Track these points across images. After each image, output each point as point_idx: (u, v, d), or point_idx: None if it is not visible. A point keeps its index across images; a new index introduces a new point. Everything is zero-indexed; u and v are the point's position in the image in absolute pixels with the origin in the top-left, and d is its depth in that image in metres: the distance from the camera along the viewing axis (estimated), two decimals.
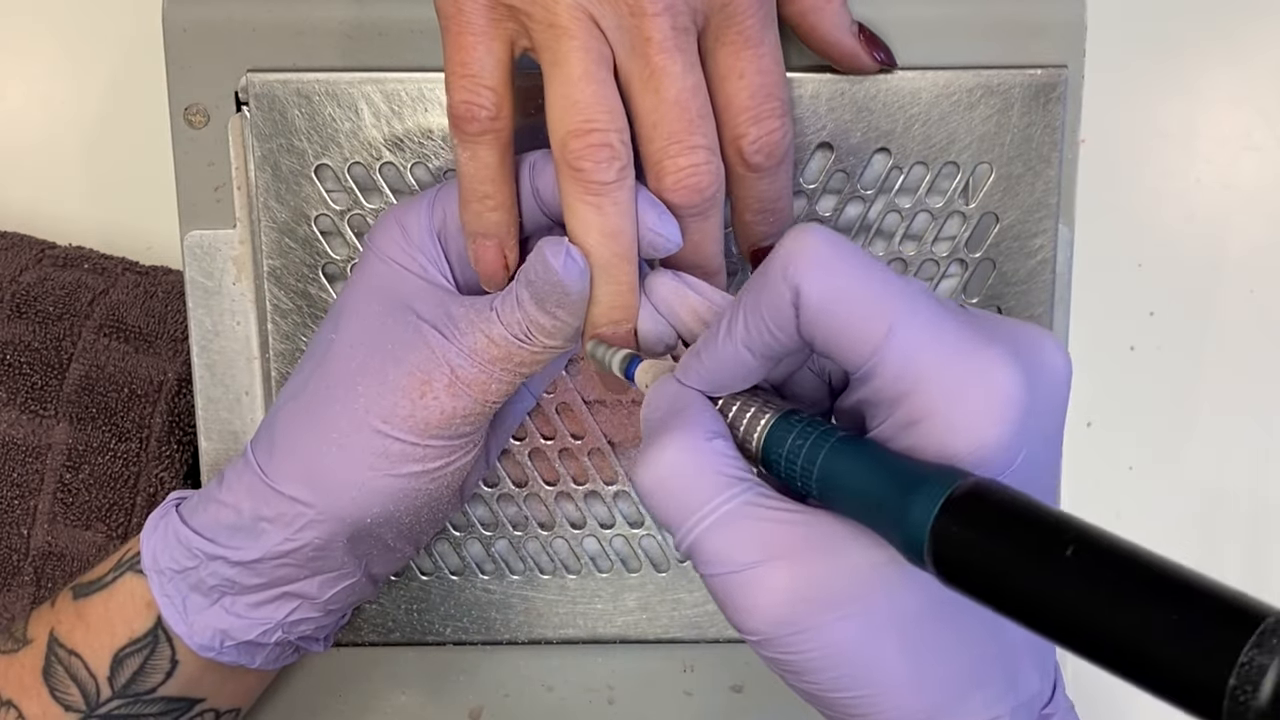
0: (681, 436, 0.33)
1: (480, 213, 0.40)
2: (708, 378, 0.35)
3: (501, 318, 0.39)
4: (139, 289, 0.54)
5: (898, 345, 0.31)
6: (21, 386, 0.52)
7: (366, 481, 0.40)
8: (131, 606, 0.43)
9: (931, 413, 0.30)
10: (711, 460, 0.33)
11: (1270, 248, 0.59)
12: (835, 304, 0.31)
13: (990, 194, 0.46)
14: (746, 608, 0.32)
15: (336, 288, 0.47)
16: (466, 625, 0.49)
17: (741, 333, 0.34)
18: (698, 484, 0.33)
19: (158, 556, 0.43)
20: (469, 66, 0.38)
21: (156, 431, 0.52)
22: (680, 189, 0.38)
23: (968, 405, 0.30)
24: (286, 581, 0.42)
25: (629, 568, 0.49)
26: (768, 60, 0.39)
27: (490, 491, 0.48)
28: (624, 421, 0.48)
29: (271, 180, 0.46)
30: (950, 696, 0.32)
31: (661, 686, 0.50)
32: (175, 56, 0.45)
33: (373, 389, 0.40)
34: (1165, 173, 0.59)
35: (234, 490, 0.42)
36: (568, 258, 0.38)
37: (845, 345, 0.32)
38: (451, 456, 0.41)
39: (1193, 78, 0.58)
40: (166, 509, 0.44)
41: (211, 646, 0.42)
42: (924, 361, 0.31)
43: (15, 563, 0.52)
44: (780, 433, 0.34)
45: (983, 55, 0.45)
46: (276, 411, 0.42)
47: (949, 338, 0.31)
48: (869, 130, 0.45)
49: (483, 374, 0.40)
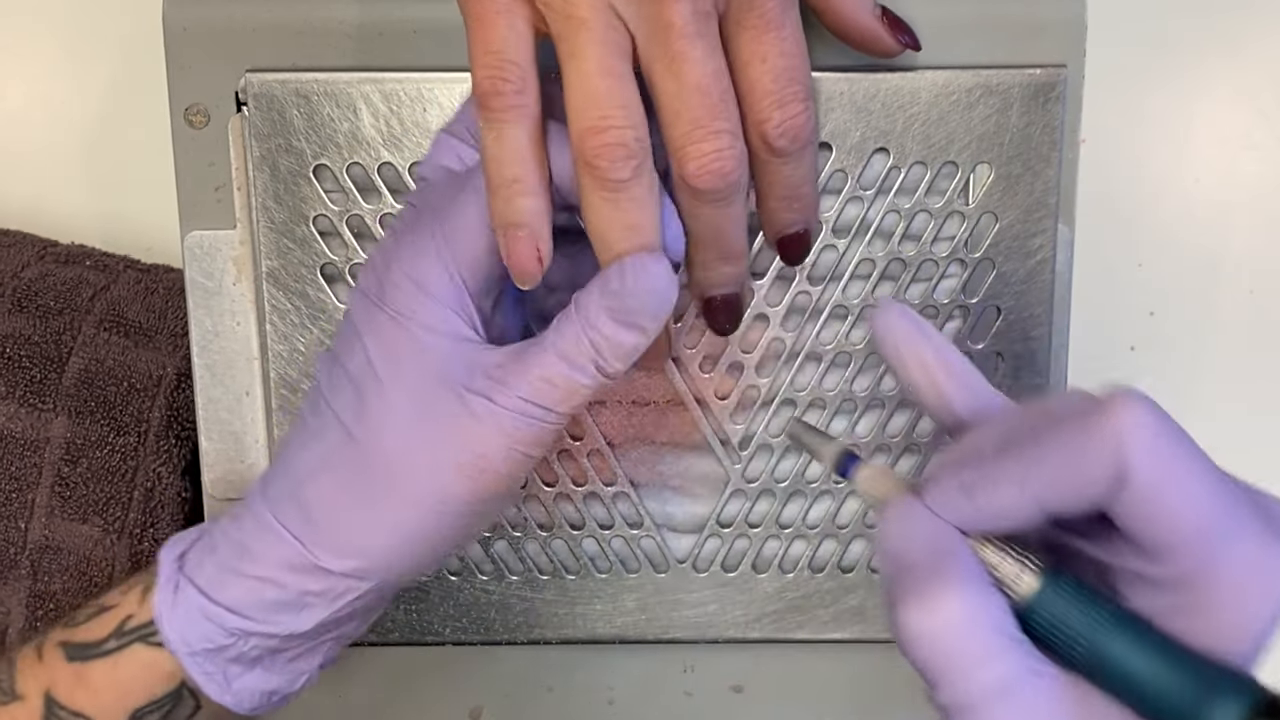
0: (965, 587, 0.31)
1: (510, 199, 0.37)
2: (979, 521, 0.32)
3: (561, 351, 0.37)
4: (140, 285, 0.54)
5: (1210, 535, 0.30)
6: (20, 380, 0.52)
7: (422, 551, 0.39)
8: (149, 676, 0.41)
9: (1225, 606, 0.30)
10: (994, 616, 0.31)
11: (1270, 248, 0.59)
12: (1164, 493, 0.30)
13: (989, 194, 0.46)
14: None
15: (335, 288, 0.47)
16: (466, 625, 0.49)
17: (1039, 489, 0.31)
18: (981, 642, 0.31)
19: (187, 639, 0.40)
20: (492, 44, 0.37)
21: (155, 426, 0.52)
22: (704, 174, 0.37)
23: (1255, 605, 0.30)
24: (331, 632, 0.41)
25: (628, 568, 0.49)
26: (790, 43, 0.39)
27: None
28: (623, 422, 0.48)
29: (270, 180, 0.46)
30: None
31: (661, 686, 0.50)
32: (175, 56, 0.45)
33: (423, 471, 0.38)
34: (1165, 173, 0.59)
35: (266, 563, 0.39)
36: (658, 261, 0.37)
37: (1159, 529, 0.30)
38: (505, 503, 0.41)
39: (1192, 78, 0.58)
40: (173, 578, 0.41)
41: (260, 706, 0.41)
42: (1232, 555, 0.30)
43: (12, 556, 0.52)
44: (1050, 594, 0.32)
45: (982, 55, 0.45)
46: (305, 480, 0.39)
47: (1254, 531, 0.30)
48: (868, 130, 0.45)
49: (538, 432, 0.38)
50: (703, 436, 0.48)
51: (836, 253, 0.46)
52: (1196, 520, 0.30)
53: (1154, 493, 0.30)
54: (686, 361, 0.47)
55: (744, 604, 0.49)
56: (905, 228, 0.46)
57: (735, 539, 0.49)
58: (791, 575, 0.49)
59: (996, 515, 0.32)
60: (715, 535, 0.49)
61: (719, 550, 0.49)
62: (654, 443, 0.48)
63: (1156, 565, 0.31)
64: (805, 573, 0.49)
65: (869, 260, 0.47)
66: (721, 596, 0.49)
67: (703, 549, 0.49)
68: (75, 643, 0.42)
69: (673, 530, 0.49)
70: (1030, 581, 0.32)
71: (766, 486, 0.48)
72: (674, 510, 0.49)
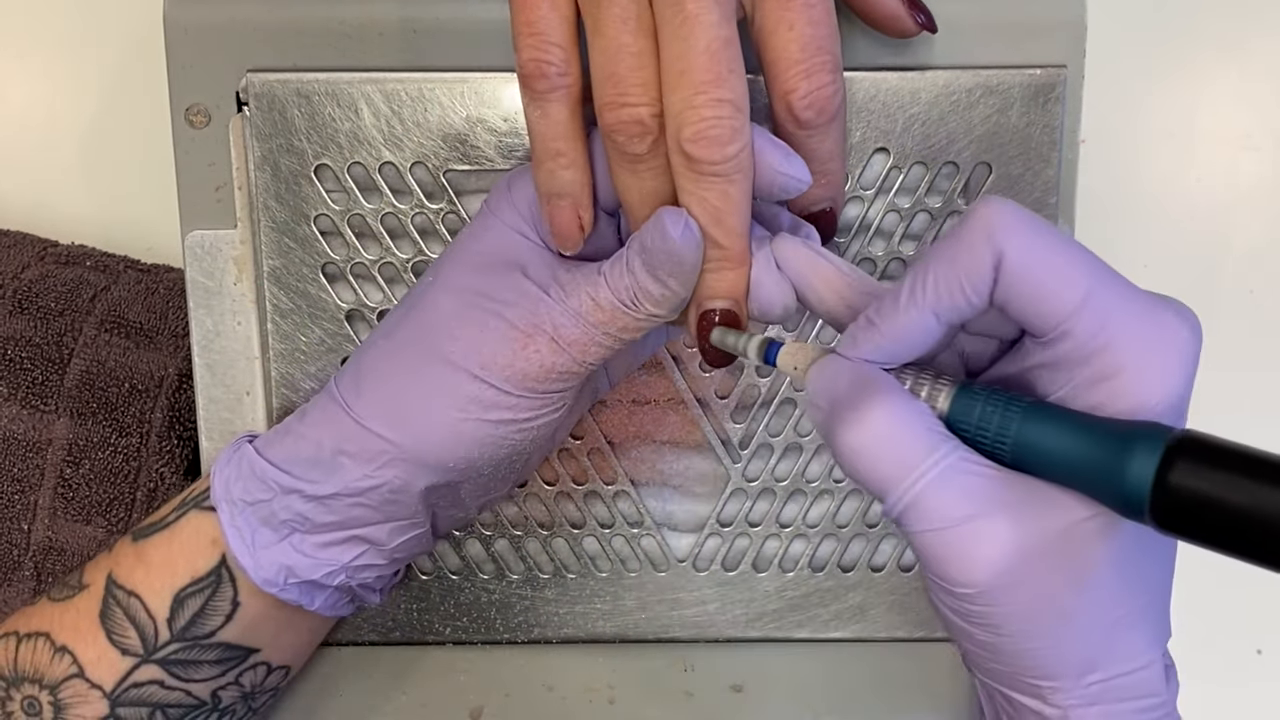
0: (886, 398, 0.34)
1: (554, 171, 0.39)
2: (886, 346, 0.35)
3: (609, 282, 0.39)
4: (140, 286, 0.54)
5: (1094, 306, 0.33)
6: (22, 382, 0.52)
7: (456, 424, 0.40)
8: (195, 544, 0.43)
9: (1124, 367, 0.33)
10: (920, 419, 0.34)
11: (1270, 248, 0.59)
12: (1037, 267, 0.33)
13: (989, 194, 0.46)
14: (971, 560, 0.33)
15: (337, 287, 0.47)
16: (466, 625, 0.49)
17: (931, 296, 0.34)
18: (911, 443, 0.34)
19: (230, 487, 0.43)
20: (535, 25, 0.38)
21: (157, 427, 0.52)
22: (701, 140, 0.36)
23: (1159, 358, 0.33)
24: (358, 524, 0.42)
25: (628, 568, 0.49)
26: (818, 11, 0.38)
27: None
28: (623, 421, 0.48)
29: (271, 180, 0.46)
30: (1121, 641, 0.35)
31: (661, 686, 0.50)
32: (176, 56, 0.46)
33: (472, 335, 0.40)
34: (1165, 173, 0.59)
35: (315, 424, 0.42)
36: (686, 228, 0.37)
37: (1043, 307, 0.33)
38: (542, 410, 0.41)
39: (1192, 78, 0.58)
40: (239, 443, 0.44)
41: (275, 582, 0.42)
42: (1118, 320, 0.33)
43: (15, 558, 0.52)
44: (965, 402, 0.35)
45: (982, 55, 0.45)
46: (365, 349, 0.42)
47: (1137, 299, 0.33)
48: (868, 130, 0.45)
49: (584, 335, 0.39)
50: (703, 436, 0.48)
51: (837, 252, 0.46)
52: (1075, 290, 0.33)
53: (1028, 270, 0.33)
54: (686, 361, 0.47)
55: (744, 603, 0.49)
56: (905, 227, 0.46)
57: (735, 538, 0.49)
58: (791, 574, 0.49)
59: (901, 338, 0.35)
60: (715, 534, 0.49)
61: (719, 549, 0.49)
62: (654, 442, 0.48)
63: (1056, 346, 0.33)
64: (805, 572, 0.49)
65: (869, 260, 0.47)
66: (721, 595, 0.49)
67: (703, 548, 0.49)
68: (144, 525, 0.44)
69: (673, 529, 0.49)
70: (947, 393, 0.35)
71: (766, 486, 0.48)
72: (674, 509, 0.49)
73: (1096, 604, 0.34)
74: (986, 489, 0.34)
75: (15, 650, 0.43)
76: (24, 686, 0.43)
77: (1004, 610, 0.34)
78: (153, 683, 0.43)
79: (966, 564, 0.34)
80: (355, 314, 0.47)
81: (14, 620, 0.44)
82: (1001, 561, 0.33)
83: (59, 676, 0.43)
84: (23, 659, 0.43)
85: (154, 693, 0.43)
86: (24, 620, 0.44)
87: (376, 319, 0.47)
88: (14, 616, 0.45)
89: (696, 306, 0.40)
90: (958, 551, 0.34)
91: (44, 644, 0.43)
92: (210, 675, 0.44)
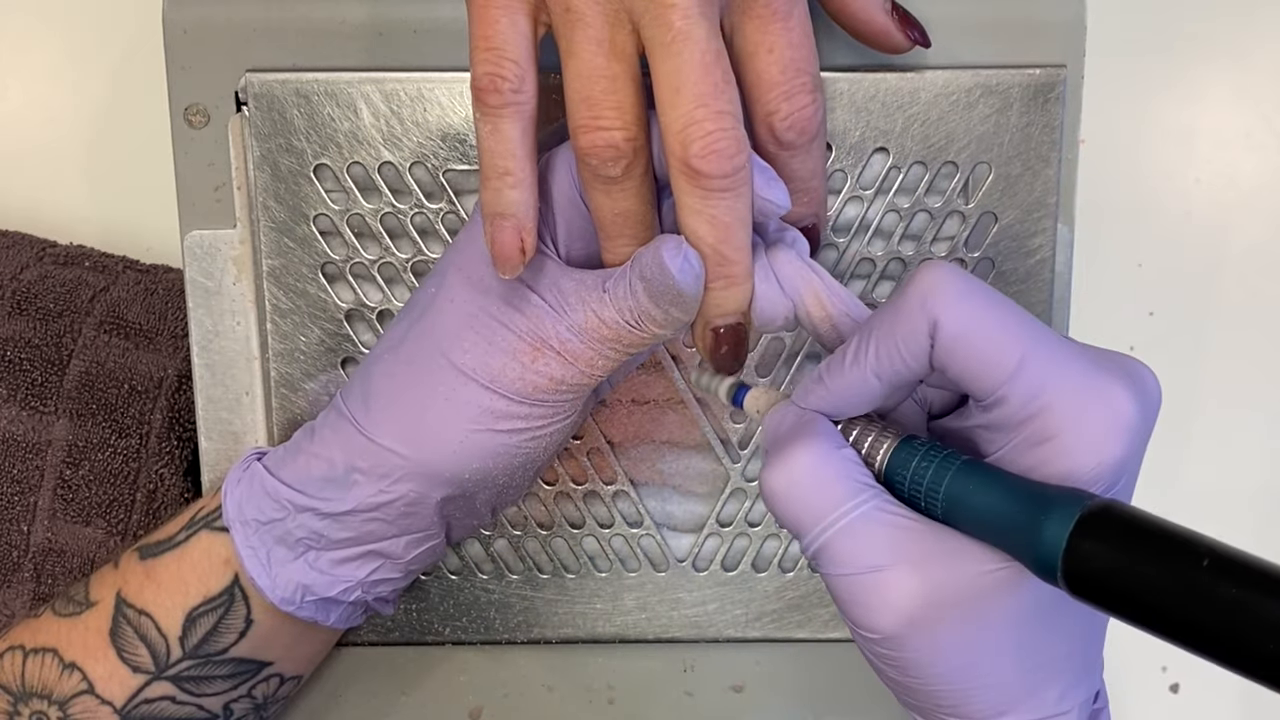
0: (813, 444, 0.35)
1: (500, 189, 0.38)
2: (831, 401, 0.37)
3: (614, 301, 0.39)
4: (139, 286, 0.54)
5: (1029, 371, 0.33)
6: (22, 383, 0.52)
7: (468, 436, 0.40)
8: (207, 564, 0.43)
9: (1058, 432, 0.33)
10: (842, 467, 0.35)
11: (1270, 248, 0.59)
12: (971, 334, 0.34)
13: (989, 194, 0.46)
14: (876, 607, 0.34)
15: (336, 287, 0.47)
16: (466, 625, 0.49)
17: (872, 360, 0.35)
18: (830, 488, 0.35)
19: (243, 508, 0.42)
20: (492, 40, 0.37)
21: (156, 428, 0.52)
22: (709, 155, 0.36)
23: (1093, 425, 0.33)
24: (374, 539, 0.42)
25: (628, 567, 0.49)
26: (797, 34, 0.38)
27: None
28: (623, 421, 0.48)
29: (270, 180, 0.46)
30: (1036, 689, 0.36)
31: (661, 686, 0.50)
32: (175, 56, 0.46)
33: (480, 347, 0.40)
34: (1165, 172, 0.59)
35: (326, 442, 0.42)
36: (684, 261, 0.37)
37: (979, 372, 0.34)
38: (554, 418, 0.41)
39: (1193, 77, 0.58)
40: (248, 462, 0.44)
41: (292, 600, 0.42)
42: (1052, 386, 0.33)
43: (15, 559, 0.52)
44: (904, 455, 0.36)
45: (982, 55, 0.45)
46: (372, 363, 0.42)
47: (1074, 365, 0.34)
48: (868, 130, 0.45)
49: (590, 350, 0.39)
50: (702, 436, 0.48)
51: (837, 252, 0.46)
52: (1009, 356, 0.33)
53: (962, 337, 0.34)
54: (686, 361, 0.47)
55: (744, 603, 0.49)
56: (905, 227, 0.46)
57: (735, 538, 0.49)
58: (791, 574, 0.49)
59: (845, 395, 0.36)
60: (715, 534, 0.49)
61: (719, 549, 0.49)
62: (654, 441, 0.48)
63: (993, 410, 0.34)
64: (805, 572, 0.49)
65: (869, 260, 0.47)
66: (721, 595, 0.49)
67: (702, 548, 0.49)
68: (150, 542, 0.44)
69: (672, 529, 0.49)
70: (888, 445, 0.36)
71: None
72: (674, 509, 0.49)
73: (1004, 653, 0.35)
74: (898, 539, 0.34)
75: (22, 665, 0.43)
76: (32, 702, 0.43)
77: (910, 656, 0.35)
78: (164, 699, 0.43)
79: (872, 610, 0.34)
80: (355, 314, 0.47)
81: (18, 633, 0.44)
82: (906, 610, 0.34)
83: (68, 693, 0.43)
84: (30, 674, 0.43)
85: (165, 708, 0.43)
86: (29, 634, 0.44)
87: (376, 319, 0.47)
88: (17, 629, 0.45)
89: (705, 323, 0.39)
90: (864, 598, 0.35)
91: (52, 660, 0.43)
92: (223, 689, 0.44)
